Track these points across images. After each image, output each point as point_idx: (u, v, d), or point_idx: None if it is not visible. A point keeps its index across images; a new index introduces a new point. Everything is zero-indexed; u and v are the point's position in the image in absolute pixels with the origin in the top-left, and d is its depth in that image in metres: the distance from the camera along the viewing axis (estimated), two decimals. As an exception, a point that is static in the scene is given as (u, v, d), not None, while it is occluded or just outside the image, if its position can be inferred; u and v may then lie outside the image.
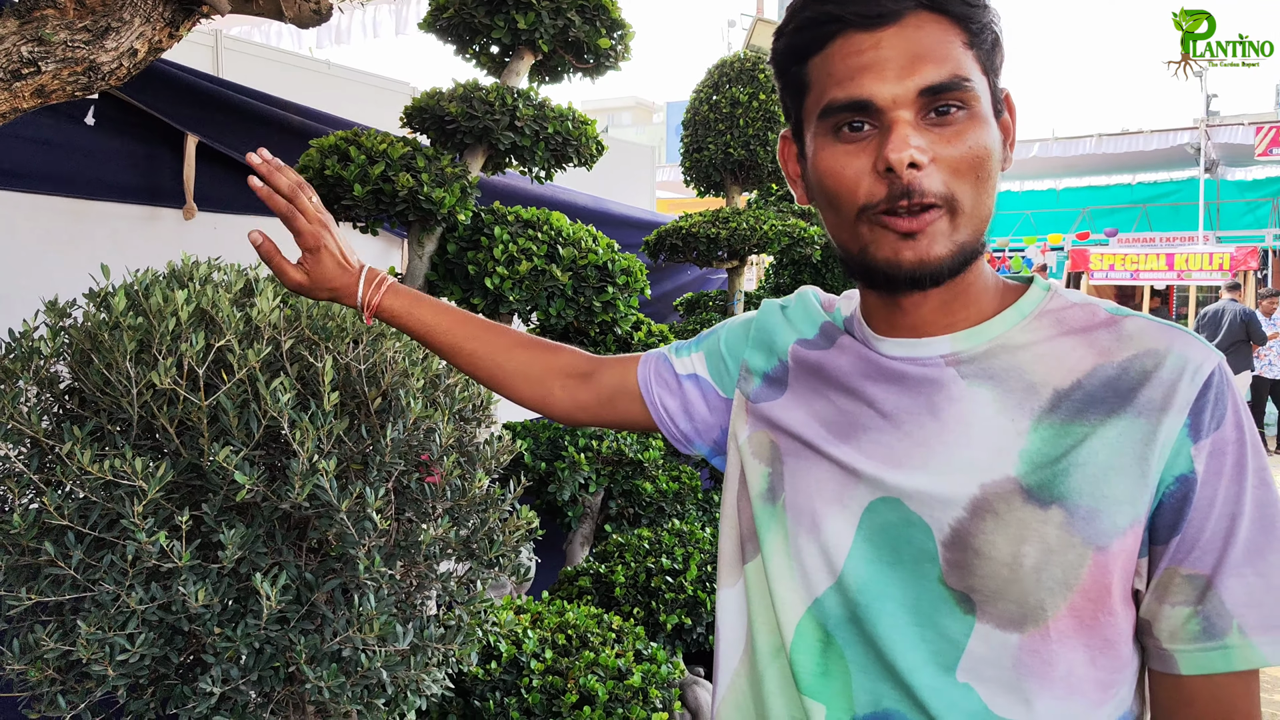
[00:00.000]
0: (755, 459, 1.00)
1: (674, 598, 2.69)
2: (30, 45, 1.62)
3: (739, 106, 4.23)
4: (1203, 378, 0.82)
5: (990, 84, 0.86)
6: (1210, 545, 0.81)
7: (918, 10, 0.82)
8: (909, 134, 0.81)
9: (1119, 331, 0.87)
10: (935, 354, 0.91)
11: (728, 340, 1.11)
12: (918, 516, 0.87)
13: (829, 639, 0.91)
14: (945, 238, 0.84)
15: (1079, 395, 0.85)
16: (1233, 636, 0.80)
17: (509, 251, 2.68)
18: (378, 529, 1.42)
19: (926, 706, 0.85)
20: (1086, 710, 0.84)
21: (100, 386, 1.43)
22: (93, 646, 1.32)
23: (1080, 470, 0.82)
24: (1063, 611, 0.82)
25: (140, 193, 2.86)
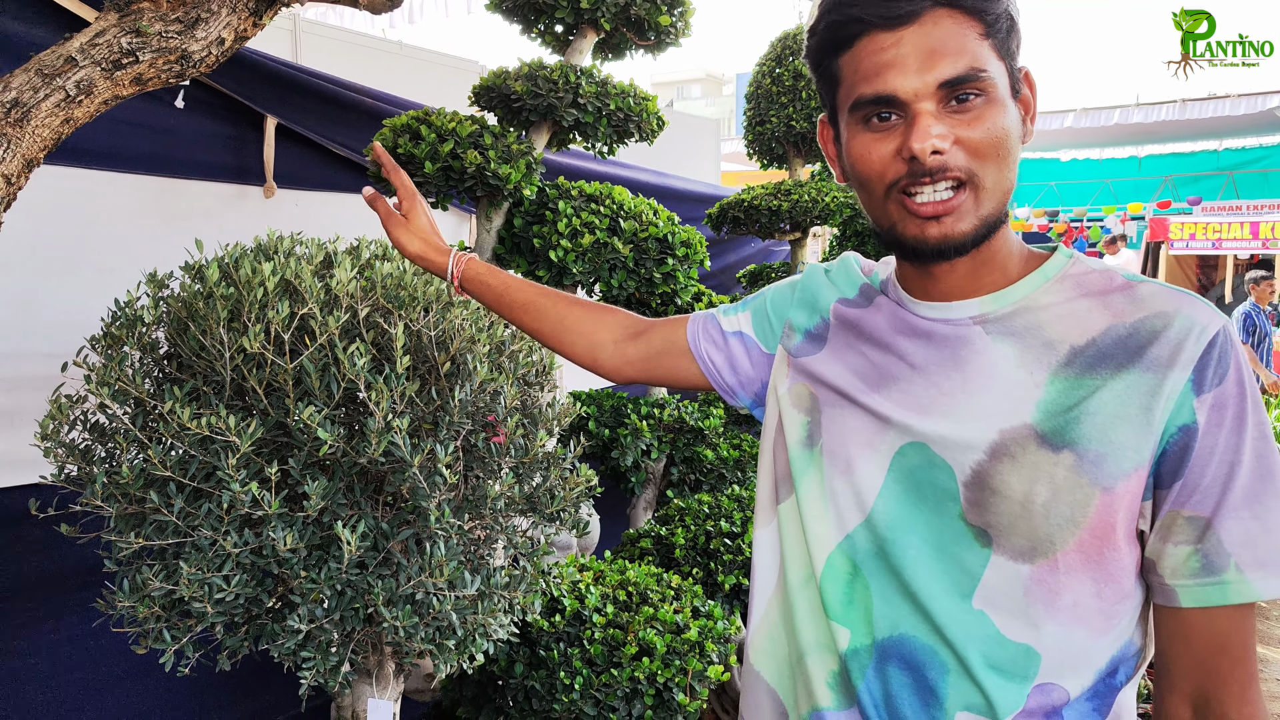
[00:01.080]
0: (794, 408, 1.11)
1: (731, 559, 2.78)
2: (129, 36, 1.76)
3: (801, 79, 4.25)
4: (1208, 337, 0.90)
5: (1008, 67, 0.94)
6: (1210, 489, 0.88)
7: (935, 8, 0.90)
8: (930, 124, 0.90)
9: (1133, 295, 0.95)
10: (964, 315, 1.00)
11: (773, 300, 1.23)
12: (941, 459, 0.96)
13: (856, 571, 1.02)
14: (970, 214, 0.93)
15: (1093, 351, 0.93)
16: (1230, 573, 0.88)
17: (573, 225, 2.78)
18: (448, 483, 1.53)
19: (943, 630, 0.95)
20: (1090, 638, 0.93)
21: (196, 351, 1.57)
22: (193, 586, 1.46)
23: (1090, 418, 0.91)
24: (1070, 546, 0.91)
25: (226, 171, 3.02)
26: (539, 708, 2.18)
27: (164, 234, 2.84)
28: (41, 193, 2.21)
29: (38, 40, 2.35)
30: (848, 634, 1.01)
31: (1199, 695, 0.92)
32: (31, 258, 2.47)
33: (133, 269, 2.69)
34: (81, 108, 1.76)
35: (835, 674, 1.02)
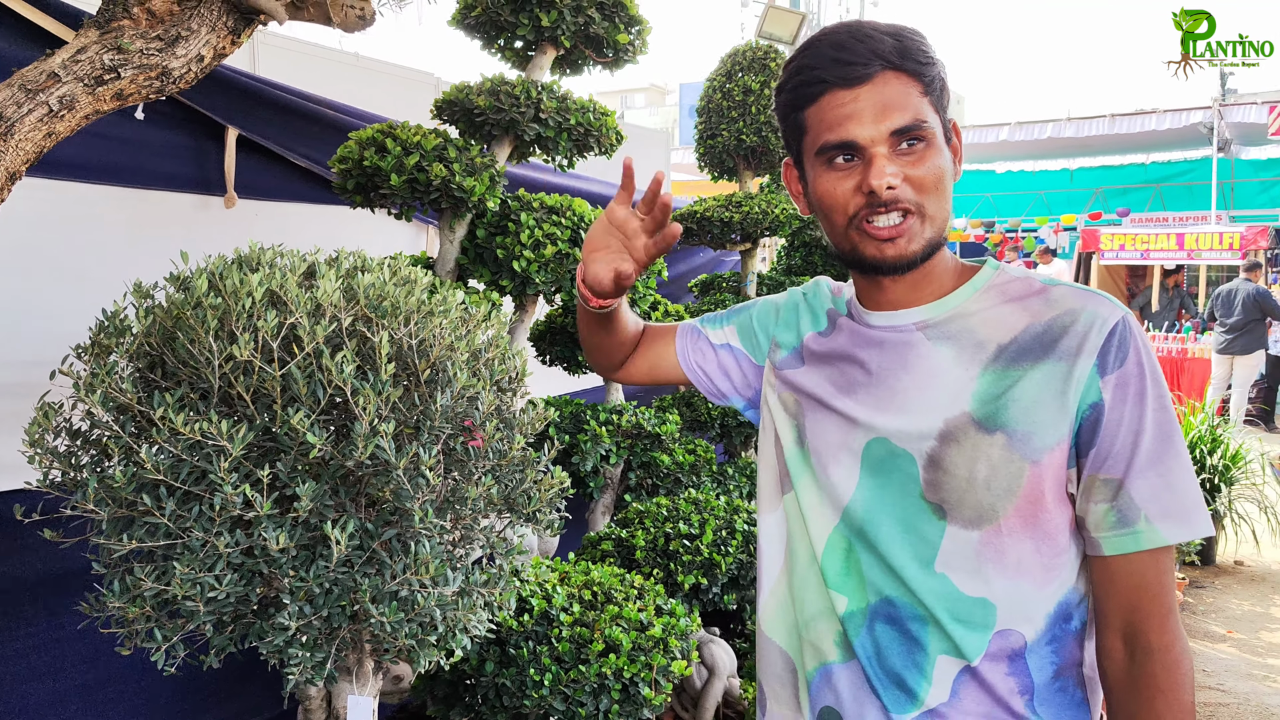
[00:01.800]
0: (785, 414, 1.30)
1: (691, 560, 2.88)
2: (111, 53, 1.81)
3: (751, 94, 4.38)
4: (1109, 327, 1.08)
5: (941, 119, 1.14)
6: (1120, 455, 1.07)
7: (884, 70, 1.10)
8: (885, 165, 1.10)
9: (1047, 297, 1.14)
10: (909, 322, 1.19)
11: (759, 318, 1.42)
12: (902, 449, 1.15)
13: (850, 548, 1.20)
14: (919, 236, 1.13)
15: (1014, 348, 1.12)
16: (1141, 524, 1.06)
17: (535, 236, 2.86)
18: (430, 485, 1.60)
19: (916, 593, 1.12)
20: (1034, 588, 1.11)
21: (184, 359, 1.62)
22: (186, 585, 1.51)
23: (1016, 404, 1.09)
24: (1010, 512, 1.09)
25: (189, 182, 3.05)
26: (509, 704, 2.25)
27: (129, 243, 2.86)
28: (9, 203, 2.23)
29: (14, 57, 2.37)
30: (845, 600, 1.20)
31: (1127, 628, 1.09)
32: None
33: (99, 278, 2.72)
34: (64, 122, 1.80)
35: (840, 634, 1.20)
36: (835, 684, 1.20)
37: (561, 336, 3.52)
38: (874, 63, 1.09)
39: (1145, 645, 1.08)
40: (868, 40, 1.10)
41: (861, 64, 1.09)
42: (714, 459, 3.78)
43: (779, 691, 1.31)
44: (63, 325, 2.59)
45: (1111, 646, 1.10)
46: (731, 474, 4.10)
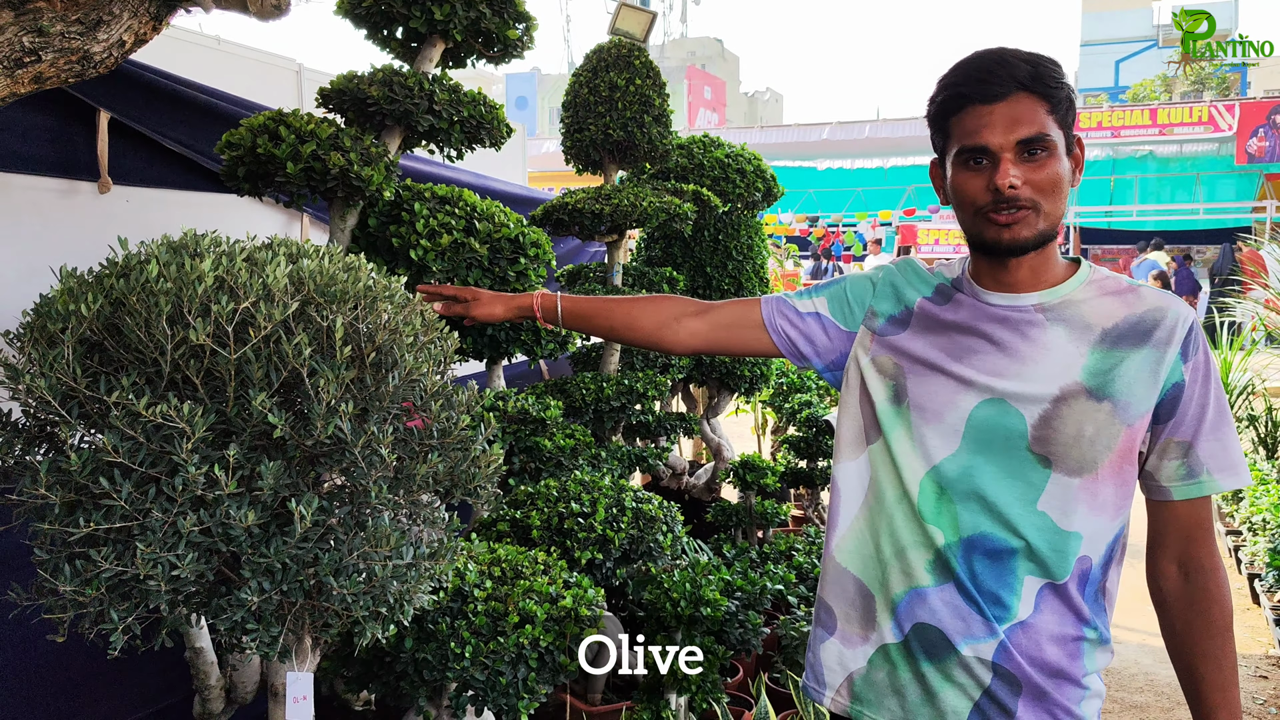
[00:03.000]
0: (879, 375, 1.55)
1: (586, 536, 3.01)
2: (30, 36, 1.77)
3: (617, 90, 4.54)
4: (1189, 324, 1.41)
5: (1065, 134, 1.41)
6: (1192, 423, 1.41)
7: (1017, 91, 1.37)
8: (1010, 169, 1.37)
9: (1138, 295, 1.46)
10: (1028, 304, 1.47)
11: (853, 290, 1.67)
12: (1014, 409, 1.43)
13: (942, 491, 1.46)
14: (1031, 226, 1.41)
15: (1115, 333, 1.42)
16: (1204, 475, 1.42)
17: (430, 226, 2.92)
18: (385, 462, 1.68)
19: (1016, 527, 1.42)
20: (1108, 522, 1.44)
21: (133, 344, 1.63)
22: (147, 565, 1.53)
23: (1121, 379, 1.39)
24: (1105, 464, 1.41)
25: (57, 166, 2.93)
26: (430, 678, 2.32)
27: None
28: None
29: None
30: (940, 532, 1.47)
31: (1182, 555, 1.45)
32: None
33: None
34: (-19, 103, 1.76)
35: (931, 561, 1.46)
36: (930, 604, 1.47)
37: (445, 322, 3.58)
38: (1010, 84, 1.36)
39: (1199, 566, 1.43)
40: (1007, 65, 1.37)
41: (999, 84, 1.37)
42: (591, 443, 3.92)
43: (850, 613, 1.57)
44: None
45: (1168, 571, 1.46)
46: (604, 457, 4.25)
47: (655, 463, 4.62)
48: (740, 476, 4.50)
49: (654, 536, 3.16)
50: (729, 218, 5.30)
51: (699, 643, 2.83)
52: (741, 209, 5.30)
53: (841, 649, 1.58)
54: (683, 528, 3.37)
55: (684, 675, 2.78)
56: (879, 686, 1.53)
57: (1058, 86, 1.39)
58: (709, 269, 5.26)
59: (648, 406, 4.87)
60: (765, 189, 5.31)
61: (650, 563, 3.19)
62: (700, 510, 5.22)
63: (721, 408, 5.63)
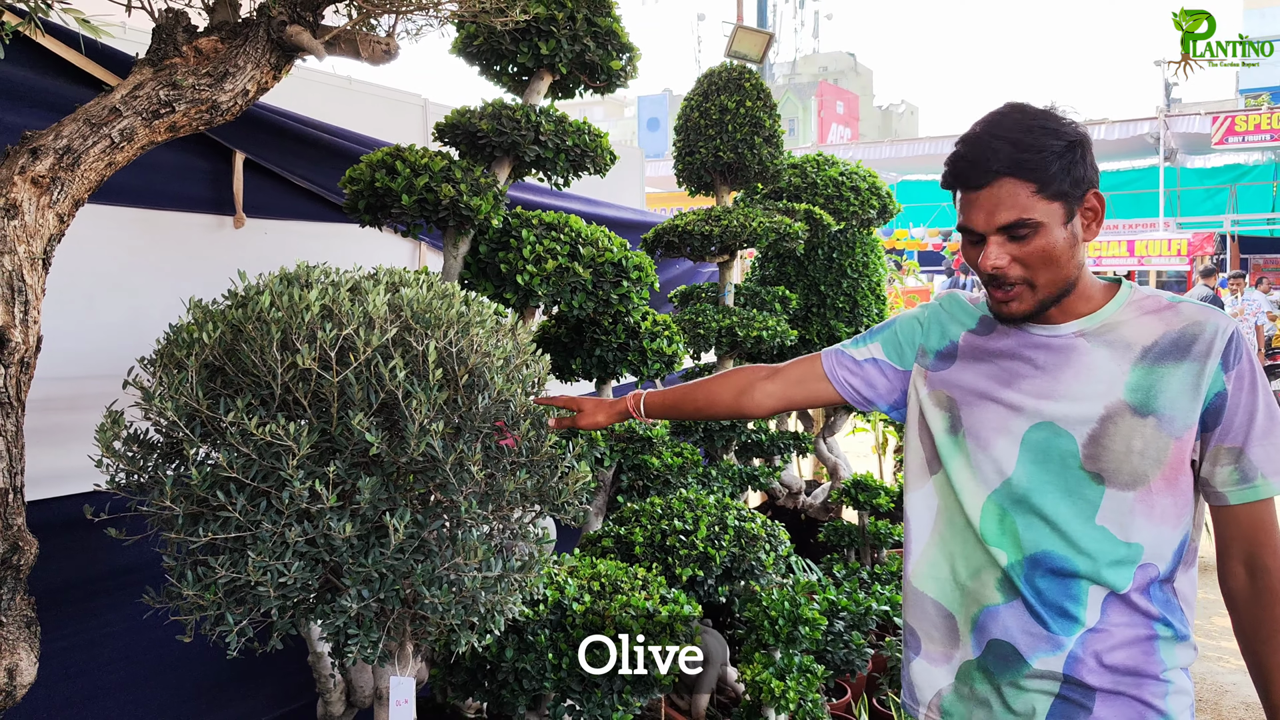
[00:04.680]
0: (936, 407, 1.62)
1: (687, 554, 3.06)
2: (166, 89, 1.96)
3: (727, 113, 4.60)
4: (1227, 335, 1.44)
5: (1062, 204, 1.44)
6: (1240, 429, 1.43)
7: (1000, 177, 1.43)
8: (994, 251, 1.45)
9: (1177, 311, 1.48)
10: (1069, 332, 1.52)
11: (903, 331, 1.74)
12: (1064, 430, 1.48)
13: (1004, 513, 1.52)
14: (1028, 299, 1.48)
15: (1156, 350, 1.46)
16: (1258, 480, 1.43)
17: (536, 251, 3.04)
18: (474, 479, 1.78)
19: (1077, 543, 1.47)
20: (1170, 531, 1.47)
21: (248, 369, 1.78)
22: (258, 572, 1.67)
23: (1164, 394, 1.43)
24: (1158, 477, 1.44)
25: (202, 203, 3.19)
26: (529, 687, 2.42)
27: (143, 262, 3.00)
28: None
29: (76, 96, 2.52)
30: (1004, 553, 1.52)
31: (1247, 557, 1.46)
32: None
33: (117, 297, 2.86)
34: (123, 153, 1.95)
35: (999, 580, 1.52)
36: (1002, 621, 1.52)
37: (555, 346, 3.70)
38: (989, 174, 1.43)
39: (1263, 566, 1.45)
40: (987, 153, 1.43)
41: (979, 174, 1.44)
42: (699, 461, 3.97)
43: (932, 633, 1.64)
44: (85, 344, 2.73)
45: (1234, 571, 1.48)
46: (715, 475, 4.30)
47: (768, 481, 4.64)
48: (853, 496, 4.47)
49: (756, 555, 3.19)
50: (843, 235, 5.27)
51: (798, 662, 2.84)
52: (856, 226, 5.27)
53: (928, 667, 1.66)
54: (787, 547, 3.38)
55: (784, 694, 2.79)
56: (966, 700, 1.61)
57: (1043, 166, 1.42)
58: (823, 287, 5.25)
59: (760, 425, 4.89)
60: (880, 206, 5.26)
61: (753, 581, 3.21)
62: (816, 530, 5.19)
63: (839, 426, 5.59)
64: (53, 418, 2.48)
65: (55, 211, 1.86)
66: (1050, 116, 1.46)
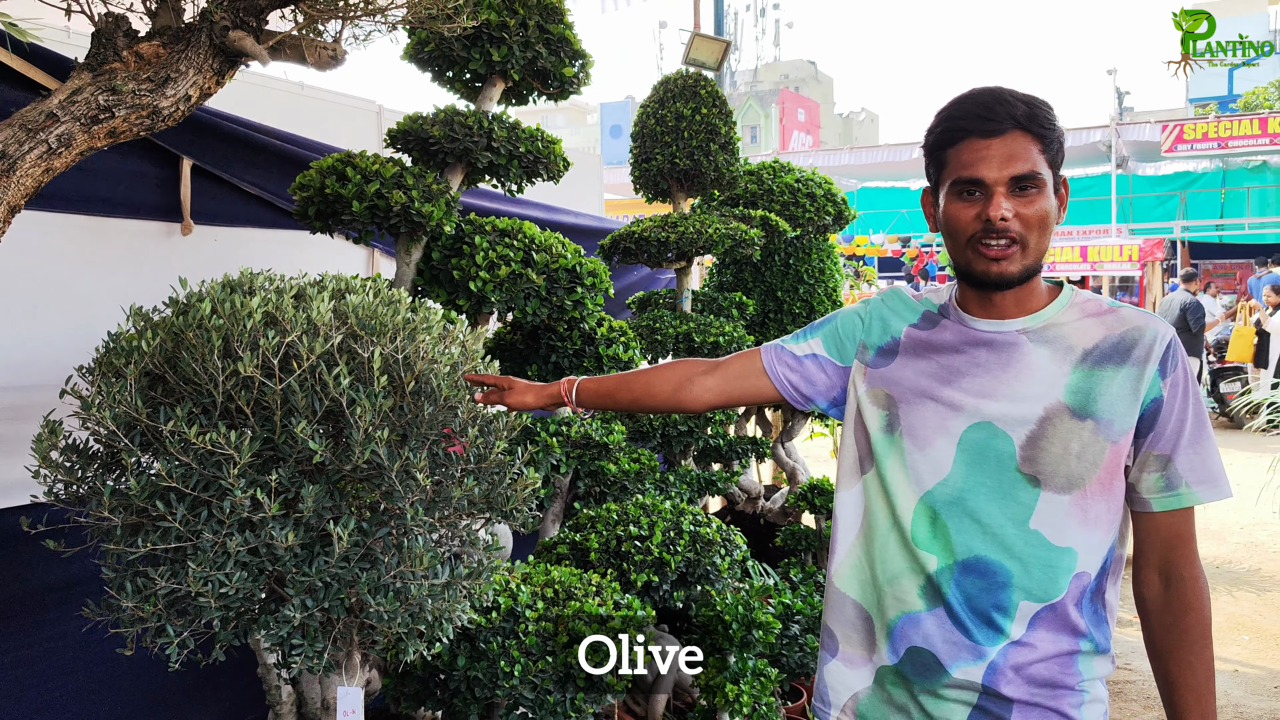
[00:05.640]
0: (873, 405, 1.60)
1: (642, 559, 3.06)
2: (105, 94, 1.94)
3: (683, 120, 4.61)
4: (1166, 341, 1.45)
5: (1054, 173, 1.46)
6: (1170, 437, 1.44)
7: (1014, 129, 1.43)
8: (1003, 201, 1.42)
9: (1119, 315, 1.49)
10: (1013, 329, 1.51)
11: (844, 326, 1.70)
12: (1002, 431, 1.47)
13: (935, 516, 1.50)
14: (1019, 261, 1.45)
15: (1097, 353, 1.46)
16: (1182, 488, 1.44)
17: (489, 258, 3.03)
18: (420, 486, 1.77)
19: (1010, 547, 1.46)
20: (1100, 537, 1.46)
21: (189, 376, 1.76)
22: (199, 583, 1.65)
23: (1103, 397, 1.43)
24: (1093, 480, 1.44)
25: (148, 209, 3.15)
26: (481, 695, 2.40)
27: (90, 269, 2.95)
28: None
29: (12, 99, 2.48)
30: (934, 558, 1.50)
31: (1163, 565, 1.47)
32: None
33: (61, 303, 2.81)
34: (60, 159, 1.92)
35: (923, 587, 1.49)
36: (923, 628, 1.51)
37: (510, 353, 3.69)
38: (1008, 121, 1.42)
39: (1178, 576, 1.45)
40: (1005, 104, 1.43)
41: (997, 121, 1.42)
42: (657, 467, 3.97)
43: (850, 635, 1.62)
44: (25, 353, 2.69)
45: (1150, 580, 1.48)
46: (673, 481, 4.30)
47: (726, 486, 4.65)
48: (810, 500, 4.49)
49: (711, 560, 3.20)
50: (799, 242, 5.31)
51: (752, 666, 2.85)
52: (812, 233, 5.31)
53: (844, 670, 1.64)
54: (743, 551, 3.39)
55: (738, 698, 2.80)
56: (881, 705, 1.58)
57: (1050, 128, 1.45)
58: (780, 293, 5.28)
59: (717, 431, 4.90)
60: (836, 212, 5.31)
61: (709, 586, 3.22)
62: (775, 535, 5.21)
63: (796, 431, 5.62)
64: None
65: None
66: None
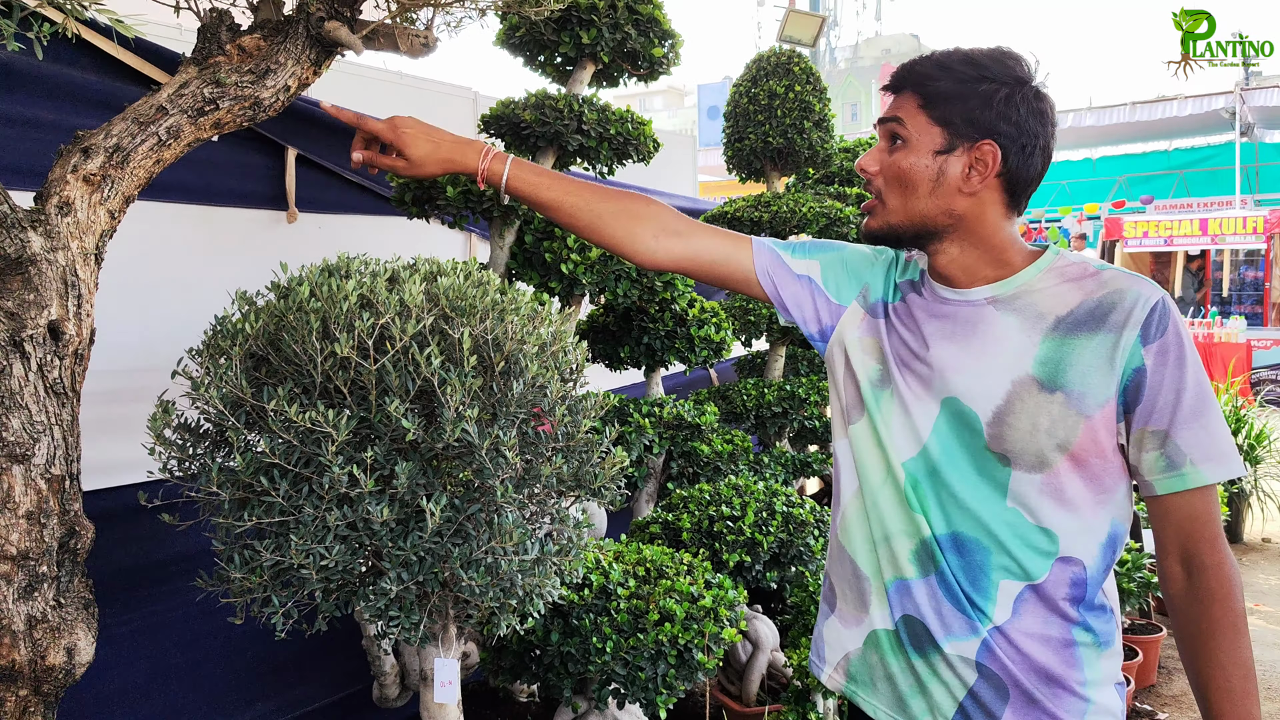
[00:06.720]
0: (865, 354, 1.49)
1: (734, 539, 3.07)
2: (210, 87, 2.02)
3: (776, 98, 4.56)
4: (1150, 304, 1.28)
5: (943, 131, 1.34)
6: (1164, 410, 1.27)
7: (905, 88, 1.37)
8: (873, 151, 1.39)
9: (1099, 278, 1.34)
10: (980, 297, 1.40)
11: (851, 262, 1.59)
12: (968, 408, 1.36)
13: (916, 483, 1.40)
14: (879, 217, 1.42)
15: (1070, 320, 1.32)
16: (1186, 467, 1.27)
17: (580, 240, 3.06)
18: (510, 464, 1.80)
19: (988, 525, 1.34)
20: (1085, 519, 1.33)
21: (290, 358, 1.83)
22: (301, 555, 1.72)
23: (1073, 368, 1.30)
24: (1065, 458, 1.30)
25: (257, 198, 3.27)
26: (574, 670, 2.44)
27: (201, 257, 3.08)
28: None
29: (127, 94, 2.61)
30: (926, 524, 1.40)
31: (1183, 553, 1.31)
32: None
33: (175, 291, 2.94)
34: (170, 150, 2.01)
35: (915, 551, 1.40)
36: (914, 596, 1.41)
37: (603, 335, 3.72)
38: (899, 80, 1.39)
39: (1200, 564, 1.29)
40: (912, 66, 1.38)
41: (894, 80, 1.40)
42: (750, 448, 3.96)
43: (847, 593, 1.52)
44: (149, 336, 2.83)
45: (1171, 570, 1.33)
46: (767, 462, 4.28)
47: (822, 468, 4.61)
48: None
49: (804, 540, 3.18)
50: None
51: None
52: (911, 210, 5.20)
53: (840, 628, 1.54)
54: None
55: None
56: (873, 669, 1.48)
57: (936, 80, 1.34)
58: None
59: (813, 413, 4.86)
60: (935, 188, 5.18)
61: (802, 567, 3.20)
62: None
63: (895, 413, 5.52)
64: (114, 409, 2.58)
65: (106, 208, 1.93)
66: (992, 56, 1.34)
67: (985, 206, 1.37)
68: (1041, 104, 1.35)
